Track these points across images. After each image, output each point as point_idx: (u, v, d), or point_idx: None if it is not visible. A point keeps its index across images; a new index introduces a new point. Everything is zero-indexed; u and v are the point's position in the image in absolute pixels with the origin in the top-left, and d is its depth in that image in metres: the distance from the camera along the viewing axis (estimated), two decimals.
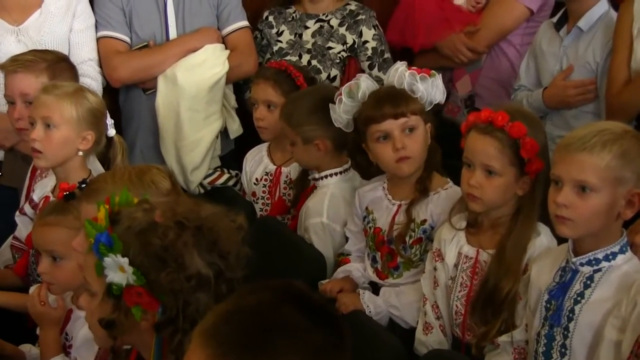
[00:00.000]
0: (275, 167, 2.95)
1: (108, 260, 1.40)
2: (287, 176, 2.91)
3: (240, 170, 3.15)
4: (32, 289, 2.31)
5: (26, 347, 2.17)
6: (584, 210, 1.79)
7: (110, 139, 2.49)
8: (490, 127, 2.07)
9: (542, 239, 2.10)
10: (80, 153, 2.38)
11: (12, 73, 2.58)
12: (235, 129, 3.29)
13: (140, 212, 1.43)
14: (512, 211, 2.14)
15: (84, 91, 2.44)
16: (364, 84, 2.44)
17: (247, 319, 1.08)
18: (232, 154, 3.37)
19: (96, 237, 1.41)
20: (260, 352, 1.05)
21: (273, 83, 2.87)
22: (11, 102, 2.61)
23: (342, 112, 2.47)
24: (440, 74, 2.46)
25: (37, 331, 2.13)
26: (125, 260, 1.39)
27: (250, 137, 3.39)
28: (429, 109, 2.42)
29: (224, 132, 3.27)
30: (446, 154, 2.47)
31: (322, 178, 2.67)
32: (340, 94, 2.47)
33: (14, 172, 2.93)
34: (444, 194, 2.39)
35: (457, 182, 2.37)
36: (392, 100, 2.37)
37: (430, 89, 2.39)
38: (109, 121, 2.48)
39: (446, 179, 2.44)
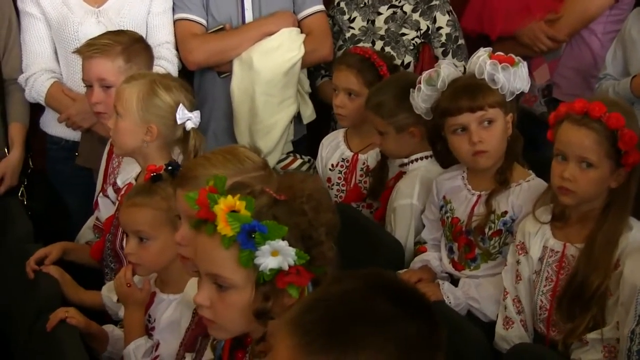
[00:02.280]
0: (352, 153, 2.93)
1: (264, 247, 1.36)
2: (364, 163, 2.89)
3: (312, 155, 3.13)
4: (104, 288, 2.34)
5: (109, 328, 2.19)
6: None
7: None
8: (586, 118, 2.00)
9: (636, 233, 2.03)
10: (146, 144, 2.36)
11: (88, 58, 2.59)
12: (309, 114, 3.27)
13: (265, 197, 1.40)
14: (602, 204, 2.08)
15: (156, 86, 2.37)
16: (444, 71, 2.38)
17: (332, 307, 1.06)
18: (304, 139, 3.36)
19: (243, 228, 1.36)
20: (345, 341, 1.02)
21: (356, 72, 2.83)
22: (89, 86, 2.62)
23: (420, 100, 2.43)
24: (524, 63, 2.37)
25: (121, 313, 2.15)
26: (284, 244, 1.36)
27: (322, 123, 3.38)
28: (510, 99, 2.34)
29: (297, 117, 3.25)
30: None
31: (411, 162, 2.64)
32: (420, 82, 2.43)
33: (90, 153, 2.95)
34: (526, 185, 2.33)
35: (534, 173, 2.35)
36: (469, 93, 2.31)
37: (513, 78, 2.31)
38: (187, 115, 2.37)
39: (528, 171, 2.38)
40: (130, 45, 2.61)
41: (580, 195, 2.04)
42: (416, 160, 2.63)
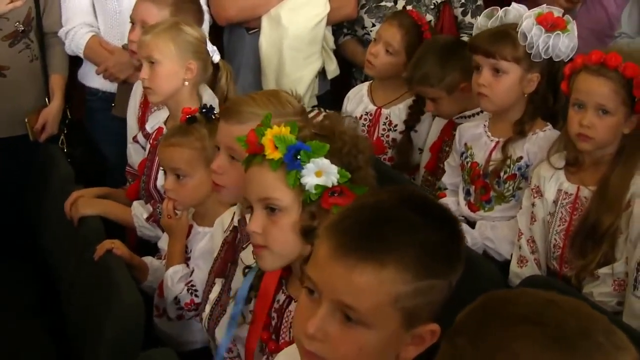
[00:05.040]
0: (375, 107, 3.01)
1: (310, 165, 1.46)
2: (386, 118, 2.98)
3: (336, 110, 3.24)
4: (133, 205, 2.50)
5: (148, 259, 2.34)
6: None
7: (216, 65, 2.60)
8: (603, 68, 2.11)
9: None
10: (187, 83, 2.49)
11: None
12: (333, 69, 3.39)
13: (306, 130, 1.52)
14: (615, 149, 2.20)
15: (180, 24, 2.53)
16: (513, 10, 2.42)
17: (366, 214, 1.17)
18: (327, 94, 3.47)
19: (289, 149, 1.47)
20: (376, 242, 1.12)
21: (404, 32, 2.90)
22: (132, 23, 2.75)
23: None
24: (574, 26, 2.41)
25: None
26: (327, 162, 1.47)
27: (344, 81, 3.50)
28: (539, 60, 2.37)
29: (321, 74, 3.37)
30: None
31: (466, 117, 2.70)
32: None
33: (125, 103, 3.05)
34: (542, 134, 2.44)
35: None
36: (491, 39, 2.40)
37: (552, 44, 2.34)
38: (212, 48, 2.57)
39: (545, 122, 2.47)
40: (182, 1, 2.72)
41: (597, 141, 2.16)
42: (472, 115, 2.68)
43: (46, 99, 3.14)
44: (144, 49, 2.50)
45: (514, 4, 2.46)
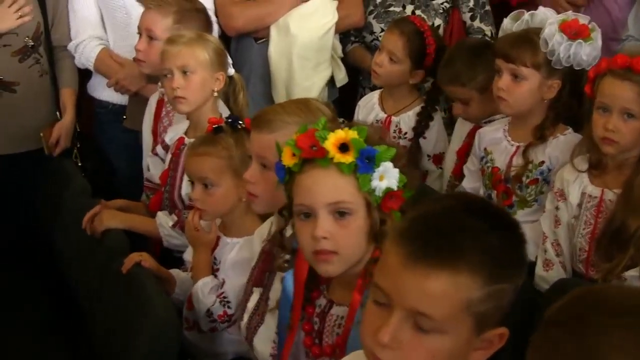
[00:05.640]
0: (385, 115, 3.02)
1: (380, 169, 1.48)
2: (396, 126, 2.98)
3: (346, 117, 3.24)
4: (157, 215, 2.49)
5: (174, 271, 2.33)
6: None
7: (230, 78, 2.62)
8: (629, 72, 2.13)
9: None
10: (215, 94, 2.52)
11: (147, 9, 2.75)
12: (341, 77, 3.39)
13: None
14: (639, 152, 2.22)
15: (204, 35, 2.58)
16: (540, 13, 2.44)
17: (435, 221, 1.18)
18: (336, 102, 3.47)
19: (361, 153, 1.48)
20: (449, 249, 1.14)
21: (406, 40, 2.89)
22: (139, 34, 2.76)
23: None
24: (599, 35, 2.39)
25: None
26: (390, 165, 1.49)
27: (352, 87, 3.50)
28: (559, 67, 2.38)
29: (330, 81, 3.36)
30: None
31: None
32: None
33: (136, 115, 3.05)
34: (563, 138, 2.46)
35: None
36: (512, 44, 2.42)
37: (573, 52, 2.34)
38: (229, 60, 2.60)
39: (566, 126, 2.49)
40: (187, 10, 2.73)
41: (622, 144, 2.18)
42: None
43: (57, 113, 3.12)
44: (177, 58, 2.50)
45: (541, 8, 2.47)
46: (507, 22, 2.50)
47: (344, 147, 1.49)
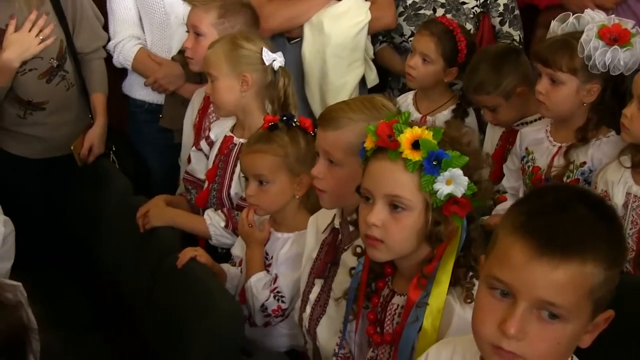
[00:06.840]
0: (420, 115, 3.05)
1: (445, 174, 1.51)
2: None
3: None
4: (206, 214, 2.51)
5: (225, 267, 2.35)
6: None
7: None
8: None
9: None
10: (245, 94, 2.52)
11: (191, 6, 2.76)
12: (373, 78, 3.41)
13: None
14: None
15: (236, 38, 2.55)
16: (586, 16, 2.45)
17: (556, 213, 1.22)
18: None
19: (430, 154, 1.51)
20: (575, 239, 1.19)
21: (437, 40, 2.94)
22: (187, 32, 2.79)
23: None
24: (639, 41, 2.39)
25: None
26: (460, 172, 1.52)
27: (382, 89, 3.52)
28: (597, 72, 2.38)
29: (361, 81, 3.39)
30: None
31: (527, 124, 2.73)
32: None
33: (173, 114, 3.09)
34: (605, 140, 2.48)
35: None
36: (550, 49, 2.45)
37: (611, 58, 2.35)
38: (269, 56, 2.54)
39: (609, 129, 2.50)
40: (231, 4, 2.75)
41: None
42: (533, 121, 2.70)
43: (89, 116, 3.10)
44: (205, 64, 2.56)
45: (587, 11, 2.49)
46: (554, 25, 2.52)
47: (415, 145, 1.53)
